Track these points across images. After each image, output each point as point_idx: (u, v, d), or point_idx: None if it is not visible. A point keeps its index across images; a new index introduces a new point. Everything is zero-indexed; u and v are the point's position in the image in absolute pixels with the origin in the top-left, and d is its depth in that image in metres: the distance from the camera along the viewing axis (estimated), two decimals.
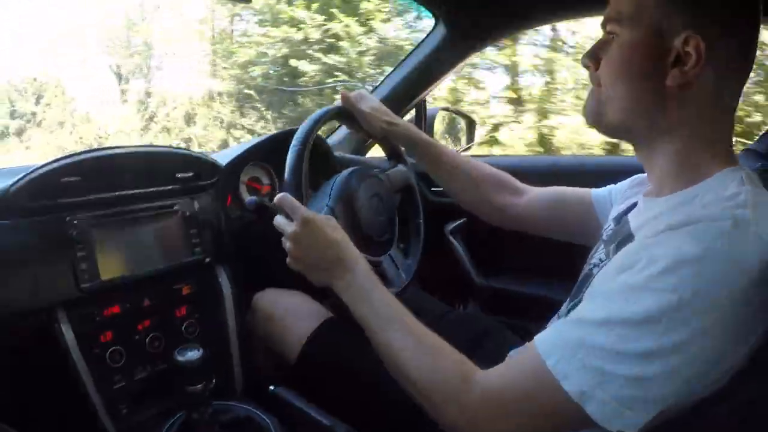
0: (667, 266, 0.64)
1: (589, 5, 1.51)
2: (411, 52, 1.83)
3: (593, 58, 0.85)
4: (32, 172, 1.08)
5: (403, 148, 1.36)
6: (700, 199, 0.73)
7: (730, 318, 0.64)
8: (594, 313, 0.70)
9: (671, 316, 0.63)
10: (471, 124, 2.20)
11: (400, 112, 1.91)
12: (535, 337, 0.74)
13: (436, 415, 0.78)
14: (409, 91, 1.86)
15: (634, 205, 0.91)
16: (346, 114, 1.22)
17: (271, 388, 1.16)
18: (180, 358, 1.04)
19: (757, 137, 1.15)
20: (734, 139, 0.82)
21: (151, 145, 1.27)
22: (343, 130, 1.97)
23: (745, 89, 0.79)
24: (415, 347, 0.82)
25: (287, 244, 0.96)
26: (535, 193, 1.25)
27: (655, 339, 0.63)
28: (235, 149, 1.48)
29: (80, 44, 10.55)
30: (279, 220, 0.98)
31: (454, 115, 2.17)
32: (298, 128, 1.10)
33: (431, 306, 1.44)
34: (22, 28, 11.04)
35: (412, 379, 0.80)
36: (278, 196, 0.97)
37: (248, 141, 1.52)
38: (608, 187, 1.13)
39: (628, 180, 1.08)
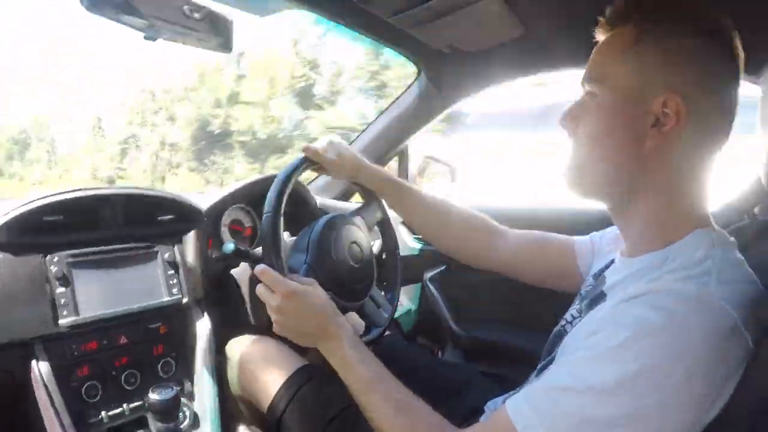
0: (630, 336, 0.65)
1: (569, 60, 1.55)
2: (394, 101, 1.88)
3: (572, 118, 0.85)
4: (15, 209, 1.10)
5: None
6: (670, 263, 0.74)
7: (693, 387, 0.63)
8: (562, 378, 0.71)
9: (632, 385, 0.64)
10: (453, 172, 2.23)
11: (383, 159, 1.95)
12: (506, 401, 0.75)
13: None
14: (390, 139, 1.90)
15: (613, 261, 0.91)
16: (315, 164, 1.22)
17: (241, 429, 1.15)
18: (154, 396, 1.07)
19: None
20: None
21: (133, 187, 1.29)
22: (325, 177, 1.99)
23: None
24: (395, 413, 0.85)
25: (272, 316, 0.98)
26: (516, 235, 1.24)
27: (618, 407, 0.64)
28: (216, 193, 1.51)
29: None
30: (262, 291, 0.98)
31: (437, 163, 2.20)
32: (277, 175, 1.11)
33: (412, 354, 1.44)
34: None
35: None
36: (258, 269, 0.98)
37: (230, 185, 1.54)
38: (590, 235, 1.13)
39: (612, 232, 1.08)
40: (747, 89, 0.85)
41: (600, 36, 0.83)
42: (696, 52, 0.73)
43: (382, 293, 1.31)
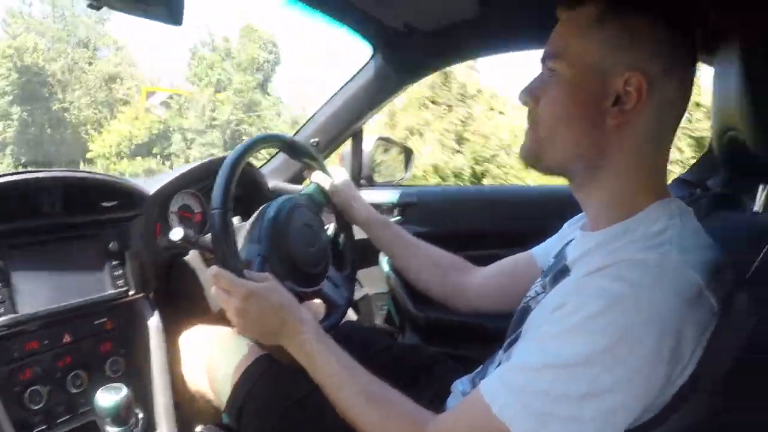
0: (596, 308, 0.66)
1: (527, 40, 1.55)
2: (347, 82, 1.83)
3: (532, 95, 0.84)
4: None
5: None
6: (631, 234, 0.75)
7: (664, 352, 0.65)
8: (532, 356, 0.72)
9: (603, 357, 0.65)
10: (408, 154, 2.21)
11: (336, 140, 1.91)
12: (480, 384, 0.75)
13: None
14: (344, 120, 1.86)
15: (572, 240, 0.92)
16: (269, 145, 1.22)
17: (199, 429, 1.11)
18: (103, 399, 1.00)
19: (688, 167, 1.20)
20: None
21: (74, 170, 1.21)
22: (279, 159, 1.94)
23: None
24: (366, 403, 0.85)
25: (232, 318, 0.96)
26: (484, 272, 1.25)
27: (590, 381, 0.65)
28: (163, 177, 1.43)
29: None
30: (218, 294, 0.97)
31: (391, 145, 2.18)
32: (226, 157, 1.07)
33: (373, 338, 1.42)
34: None
35: None
36: (212, 272, 0.96)
37: (177, 168, 1.47)
38: (547, 242, 1.14)
39: (565, 224, 1.10)
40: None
41: (561, 15, 0.82)
42: (658, 33, 0.74)
43: (340, 274, 1.32)
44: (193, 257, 1.38)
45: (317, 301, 1.24)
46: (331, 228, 1.41)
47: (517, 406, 0.68)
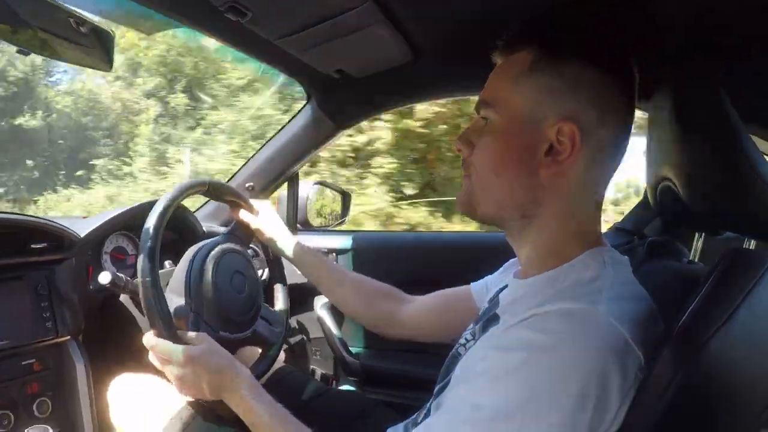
0: (517, 361, 0.66)
1: (462, 86, 1.58)
2: (282, 127, 1.86)
3: (466, 143, 0.84)
4: None
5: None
6: (561, 283, 0.74)
7: (585, 406, 0.63)
8: (457, 407, 0.71)
9: (524, 410, 0.64)
10: (346, 198, 2.23)
11: (271, 186, 1.92)
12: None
13: None
14: (279, 166, 1.88)
15: (506, 286, 0.91)
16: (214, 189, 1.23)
17: None
18: None
19: (623, 216, 1.24)
20: None
21: (2, 212, 1.18)
22: (212, 203, 1.94)
23: None
24: None
25: (172, 382, 0.98)
26: (420, 301, 1.25)
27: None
28: (96, 218, 1.41)
29: None
30: (155, 361, 0.99)
31: (328, 190, 2.20)
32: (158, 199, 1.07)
33: (307, 384, 1.40)
34: None
35: None
36: (148, 342, 0.98)
37: (109, 211, 1.45)
38: (486, 278, 1.14)
39: (505, 265, 1.09)
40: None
41: (497, 60, 0.83)
42: (592, 81, 0.74)
43: (272, 310, 1.33)
44: (126, 298, 1.35)
45: (249, 349, 1.25)
46: (264, 273, 1.41)
47: None
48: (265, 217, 1.34)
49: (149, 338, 0.97)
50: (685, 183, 0.73)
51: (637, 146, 0.88)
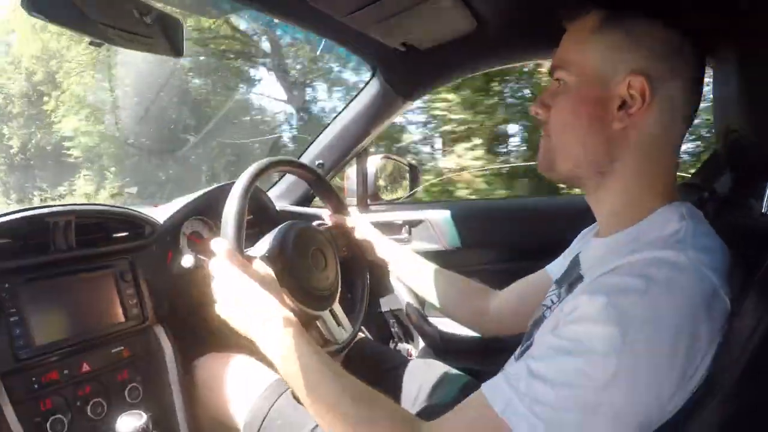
0: (610, 300, 0.65)
1: (525, 52, 1.57)
2: (348, 103, 1.86)
3: (543, 106, 0.86)
4: None
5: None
6: (644, 237, 0.75)
7: (677, 352, 0.63)
8: (541, 361, 0.69)
9: (621, 351, 0.63)
10: (414, 171, 2.22)
11: (341, 162, 1.93)
12: (482, 385, 0.73)
13: None
14: (348, 142, 1.88)
15: (586, 248, 0.92)
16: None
17: None
18: (123, 425, 1.02)
19: (694, 171, 1.19)
20: None
21: (85, 204, 1.23)
22: (287, 181, 1.97)
23: None
24: (352, 401, 0.80)
25: (218, 291, 0.95)
26: (503, 294, 1.26)
27: (605, 370, 0.63)
28: (173, 204, 1.46)
29: None
30: (212, 263, 0.96)
31: (396, 163, 2.19)
32: (234, 182, 1.09)
33: (385, 355, 1.42)
34: None
35: None
36: (214, 241, 0.96)
37: (187, 196, 1.49)
38: (559, 257, 1.14)
39: (578, 236, 1.10)
40: None
41: (566, 25, 0.85)
42: (659, 36, 0.76)
43: (347, 314, 1.30)
44: (201, 280, 1.39)
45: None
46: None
47: (521, 409, 0.66)
48: (364, 229, 1.38)
49: (217, 241, 0.96)
50: (756, 132, 0.74)
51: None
